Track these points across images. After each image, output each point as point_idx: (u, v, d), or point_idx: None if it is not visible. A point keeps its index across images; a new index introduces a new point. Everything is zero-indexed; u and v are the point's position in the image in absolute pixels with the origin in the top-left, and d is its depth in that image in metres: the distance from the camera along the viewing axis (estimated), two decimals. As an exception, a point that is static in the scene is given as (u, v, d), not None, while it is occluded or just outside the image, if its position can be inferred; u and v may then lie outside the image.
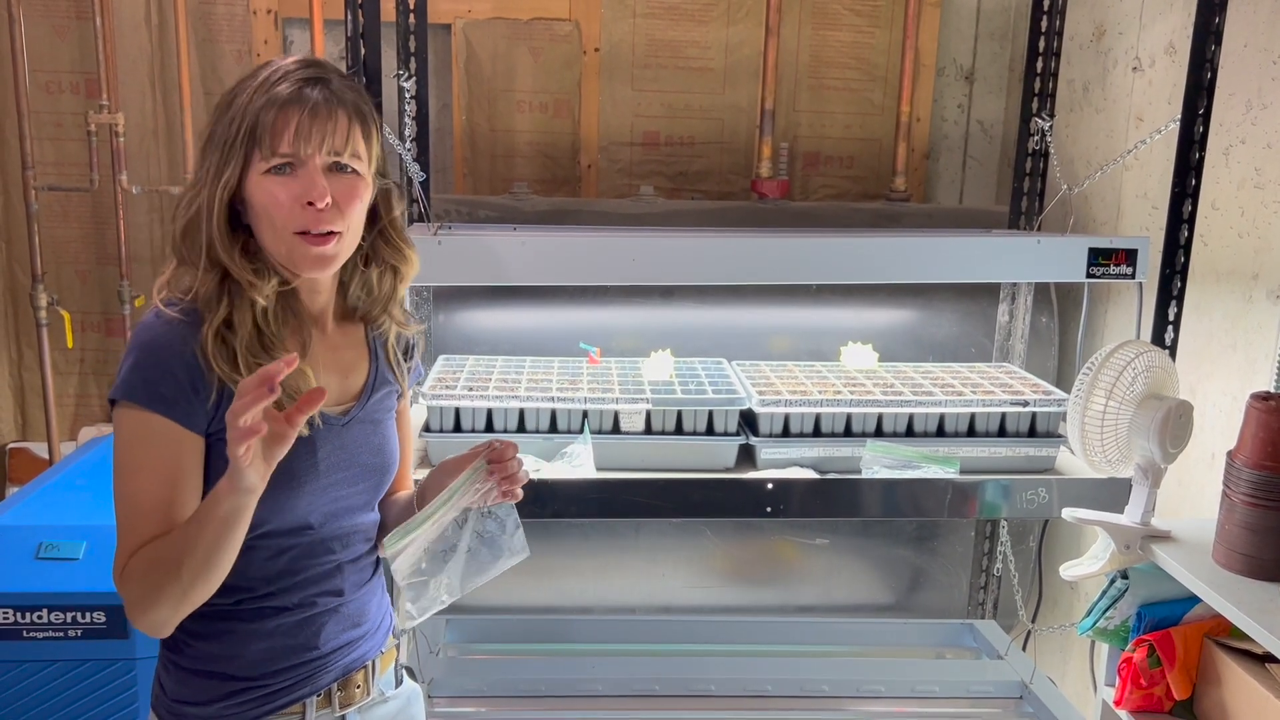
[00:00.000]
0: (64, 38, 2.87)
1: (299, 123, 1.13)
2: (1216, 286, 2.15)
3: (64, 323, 2.93)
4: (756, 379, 2.28)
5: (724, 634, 2.67)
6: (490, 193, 2.98)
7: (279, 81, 1.15)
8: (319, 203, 1.14)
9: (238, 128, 1.14)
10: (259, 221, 1.17)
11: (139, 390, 1.14)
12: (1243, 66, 2.06)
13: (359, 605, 1.33)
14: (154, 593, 1.10)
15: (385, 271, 1.30)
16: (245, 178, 1.15)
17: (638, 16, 2.97)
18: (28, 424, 3.08)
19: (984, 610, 2.83)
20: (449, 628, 2.64)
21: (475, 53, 2.93)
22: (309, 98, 1.14)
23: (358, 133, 1.18)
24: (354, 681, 1.32)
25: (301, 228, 1.15)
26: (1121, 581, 1.84)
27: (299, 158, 1.14)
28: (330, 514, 1.25)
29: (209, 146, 1.17)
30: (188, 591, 1.10)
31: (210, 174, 1.16)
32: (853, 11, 3.00)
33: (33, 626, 1.98)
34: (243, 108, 1.14)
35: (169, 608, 1.11)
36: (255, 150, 1.14)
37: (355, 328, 1.34)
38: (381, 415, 1.33)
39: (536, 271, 2.00)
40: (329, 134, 1.15)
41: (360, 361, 1.33)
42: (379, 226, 1.28)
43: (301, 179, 1.14)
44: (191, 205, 1.18)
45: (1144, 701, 1.80)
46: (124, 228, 2.90)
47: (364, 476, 1.29)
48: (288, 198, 1.14)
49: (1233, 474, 1.64)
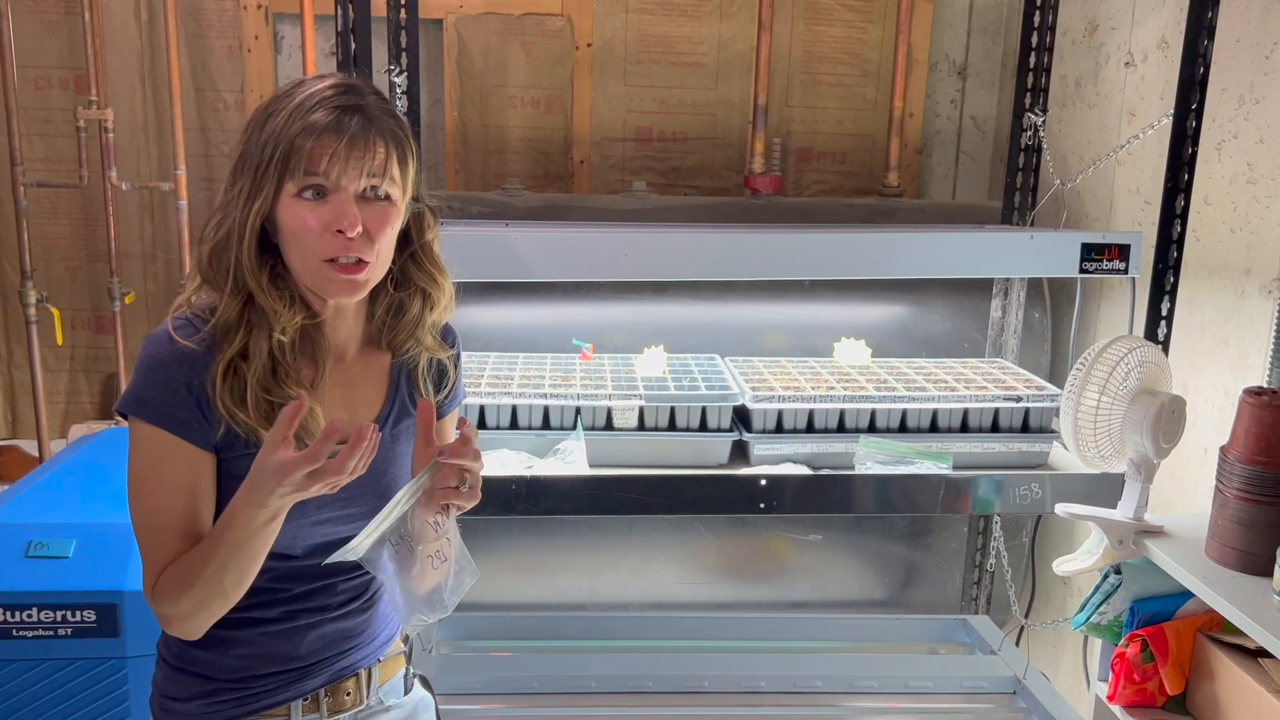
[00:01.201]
0: (53, 33, 2.85)
1: (335, 152, 1.11)
2: (1209, 281, 2.15)
3: (54, 320, 2.91)
4: (750, 375, 2.27)
5: (718, 630, 2.66)
6: (482, 189, 2.97)
7: (316, 107, 1.12)
8: (350, 231, 1.12)
9: (272, 152, 1.11)
10: (288, 245, 1.15)
11: (150, 409, 1.13)
12: (1235, 61, 2.06)
13: (352, 619, 1.29)
14: (197, 608, 1.12)
15: (414, 295, 1.26)
16: (277, 201, 1.13)
17: (630, 11, 2.96)
18: (18, 421, 3.06)
19: (977, 605, 2.83)
20: (442, 625, 2.64)
21: (467, 48, 2.92)
22: (346, 126, 1.12)
23: (394, 160, 1.15)
24: (344, 689, 1.29)
25: (330, 255, 1.13)
26: (1115, 577, 1.84)
27: (332, 183, 1.12)
28: (318, 547, 1.21)
29: (240, 168, 1.14)
30: (229, 596, 1.13)
31: (242, 197, 1.13)
32: (845, 7, 3.00)
33: (22, 625, 1.97)
34: (277, 131, 1.11)
35: (209, 616, 1.14)
36: (288, 175, 1.12)
37: (380, 357, 1.29)
38: (396, 450, 1.28)
39: (529, 268, 1.99)
40: (366, 163, 1.13)
41: (375, 396, 1.28)
42: (410, 250, 1.25)
43: (333, 205, 1.12)
44: (221, 227, 1.15)
45: (1137, 696, 1.80)
46: (114, 224, 2.88)
47: (364, 516, 1.21)
48: (318, 224, 1.12)
49: (1226, 469, 1.64)
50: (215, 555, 1.10)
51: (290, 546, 1.20)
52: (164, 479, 1.14)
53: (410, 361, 1.30)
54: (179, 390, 1.13)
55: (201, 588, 1.11)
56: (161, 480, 1.14)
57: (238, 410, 1.13)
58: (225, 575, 1.10)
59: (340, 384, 1.24)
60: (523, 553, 2.74)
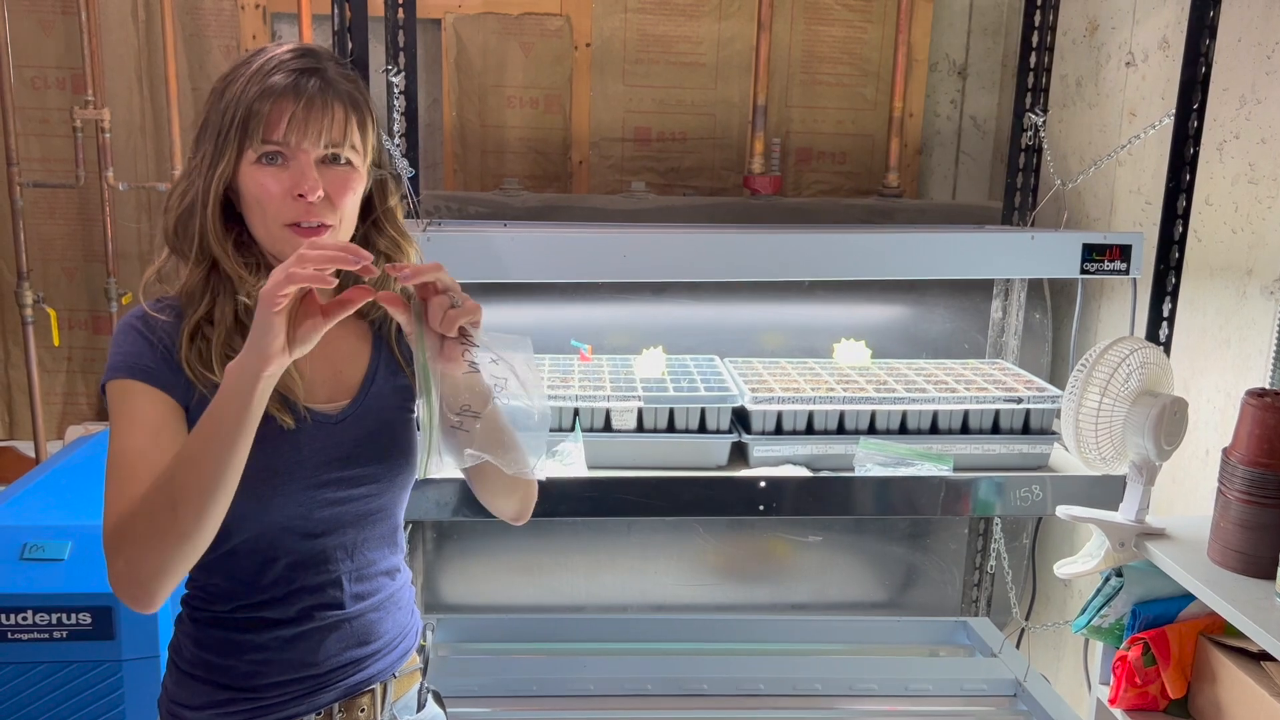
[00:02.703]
0: (49, 32, 2.84)
1: (293, 115, 1.11)
2: (1210, 282, 2.14)
3: (50, 320, 2.90)
4: (749, 376, 2.26)
5: (717, 632, 2.66)
6: (480, 189, 2.96)
7: (273, 71, 1.13)
8: (310, 195, 1.12)
9: (231, 117, 1.12)
10: (250, 212, 1.15)
11: (119, 368, 1.14)
12: (1236, 61, 2.05)
13: (366, 622, 1.26)
14: (146, 540, 1.04)
15: (378, 261, 1.26)
16: (238, 167, 1.14)
17: (629, 11, 2.95)
18: (14, 423, 3.05)
19: (977, 608, 2.83)
20: (440, 627, 2.63)
21: (465, 47, 2.91)
22: (304, 89, 1.12)
23: (354, 124, 1.16)
24: (359, 704, 1.26)
25: (293, 219, 1.14)
26: (1116, 579, 1.83)
27: (291, 149, 1.12)
28: (327, 519, 1.20)
29: (202, 135, 1.16)
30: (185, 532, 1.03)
31: (205, 164, 1.14)
32: (845, 6, 2.99)
33: (17, 628, 1.96)
34: (236, 96, 1.12)
35: (159, 559, 1.04)
36: (248, 140, 1.12)
37: (360, 320, 1.29)
38: (388, 413, 1.26)
39: (527, 268, 1.98)
40: (325, 127, 1.13)
41: (360, 352, 1.27)
42: (373, 217, 1.25)
43: (293, 170, 1.12)
44: (185, 195, 1.16)
45: (1139, 700, 1.79)
46: (110, 224, 2.87)
47: (367, 479, 1.22)
48: (279, 189, 1.12)
49: (1228, 471, 1.63)
50: (181, 463, 1.04)
51: (295, 519, 1.18)
52: (128, 423, 1.12)
53: (386, 324, 1.30)
54: (142, 345, 1.15)
55: (152, 511, 1.04)
56: (126, 425, 1.12)
57: (206, 371, 1.13)
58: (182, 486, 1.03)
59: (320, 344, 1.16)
60: (521, 554, 2.73)
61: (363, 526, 1.23)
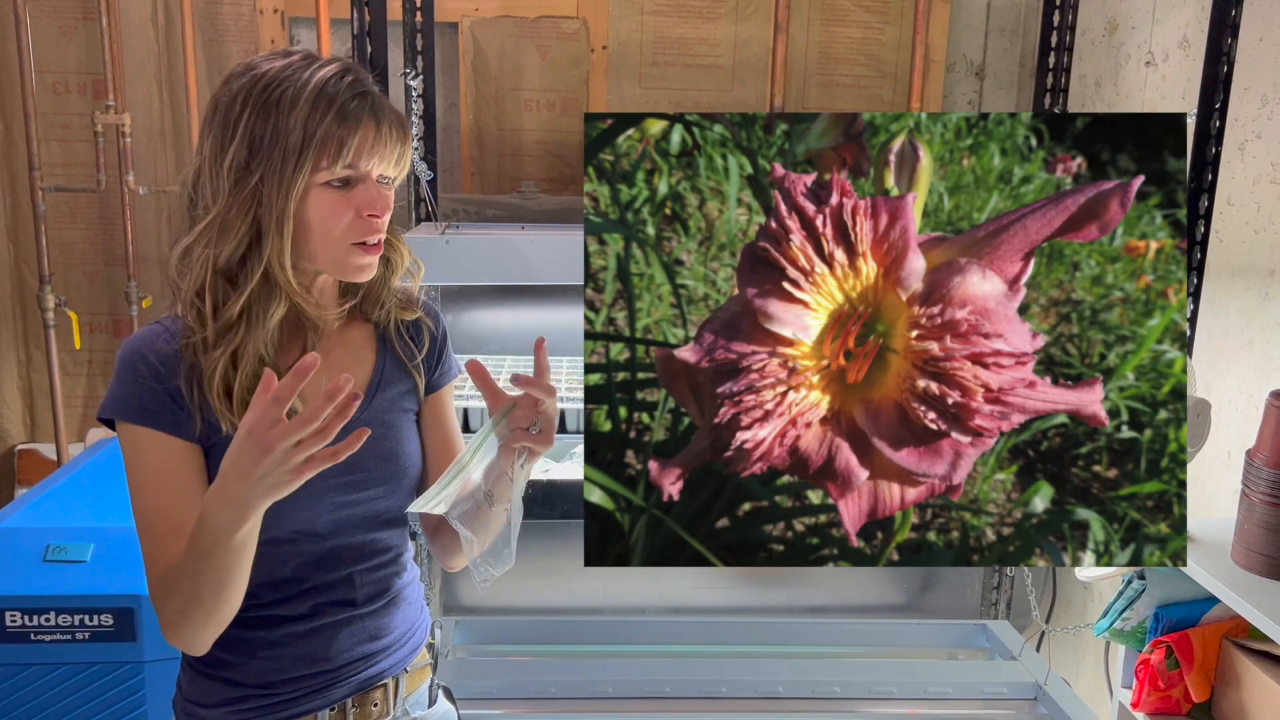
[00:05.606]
0: (70, 38, 2.86)
1: (374, 140, 1.14)
2: (1232, 283, 2.13)
3: (71, 324, 2.92)
4: (767, 378, 2.26)
5: (735, 635, 2.65)
6: (498, 192, 2.97)
7: (335, 93, 1.12)
8: (383, 215, 1.17)
9: (299, 139, 1.10)
10: (310, 233, 1.15)
11: (123, 410, 1.14)
12: (1258, 60, 2.04)
13: (379, 618, 1.27)
14: (179, 617, 1.09)
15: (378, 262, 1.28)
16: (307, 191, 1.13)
17: (645, 14, 2.95)
18: (36, 425, 3.08)
19: (997, 611, 2.81)
20: (458, 629, 2.63)
21: (482, 51, 2.92)
22: (378, 114, 1.15)
23: (405, 148, 1.20)
24: (371, 699, 1.27)
25: (360, 238, 1.17)
26: (1139, 582, 1.82)
27: (360, 172, 1.15)
28: (337, 522, 1.21)
29: (254, 157, 1.11)
30: (208, 610, 1.08)
31: (275, 187, 1.11)
32: (862, 8, 2.98)
33: (40, 629, 1.98)
34: (302, 119, 1.10)
35: (193, 628, 1.09)
36: (324, 163, 1.12)
37: (359, 328, 1.30)
38: (394, 416, 1.28)
39: (544, 271, 1.99)
40: (390, 152, 1.17)
41: (364, 358, 1.28)
42: None
43: (360, 192, 1.15)
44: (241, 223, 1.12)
45: (1162, 704, 1.78)
46: (131, 228, 2.90)
47: (374, 483, 1.24)
48: (349, 209, 1.15)
49: (1252, 473, 1.62)
50: (189, 562, 1.06)
51: (308, 523, 1.19)
52: (145, 474, 1.13)
53: (388, 327, 1.31)
54: (143, 388, 1.13)
55: (180, 595, 1.07)
56: (143, 476, 1.13)
57: (227, 411, 1.13)
58: (200, 586, 1.05)
59: (324, 349, 1.22)
60: (538, 557, 2.73)
61: (371, 527, 1.25)
